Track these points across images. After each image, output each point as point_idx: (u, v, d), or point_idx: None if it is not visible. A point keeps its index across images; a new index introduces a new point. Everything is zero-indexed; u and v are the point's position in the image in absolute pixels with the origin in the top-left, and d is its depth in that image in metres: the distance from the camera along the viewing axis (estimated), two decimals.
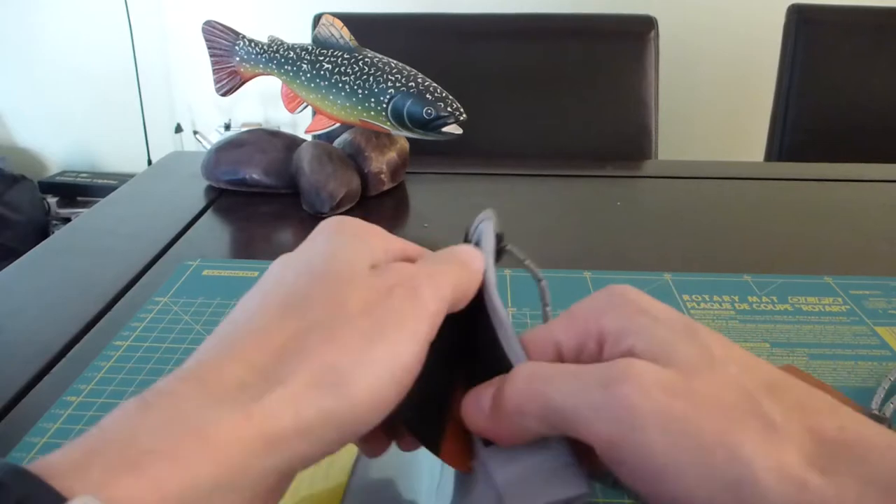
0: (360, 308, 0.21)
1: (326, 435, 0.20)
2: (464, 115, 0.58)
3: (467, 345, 0.27)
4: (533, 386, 0.22)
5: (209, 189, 0.67)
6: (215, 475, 0.17)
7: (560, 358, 0.24)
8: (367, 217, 0.57)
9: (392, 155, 0.66)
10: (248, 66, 0.64)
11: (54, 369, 0.40)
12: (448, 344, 0.25)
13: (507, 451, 0.23)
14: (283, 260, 0.25)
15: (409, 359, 0.21)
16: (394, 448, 0.27)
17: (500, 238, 0.30)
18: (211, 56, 0.65)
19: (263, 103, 1.91)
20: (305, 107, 0.63)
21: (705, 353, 0.21)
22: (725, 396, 0.20)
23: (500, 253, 0.30)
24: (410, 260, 0.26)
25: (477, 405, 0.23)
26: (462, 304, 0.25)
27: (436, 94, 0.57)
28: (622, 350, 0.22)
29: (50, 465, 0.16)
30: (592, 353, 0.23)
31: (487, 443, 0.24)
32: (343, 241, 0.25)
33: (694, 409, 0.20)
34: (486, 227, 0.31)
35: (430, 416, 0.24)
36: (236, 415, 0.18)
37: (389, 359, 0.21)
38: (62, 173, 2.05)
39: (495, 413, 0.23)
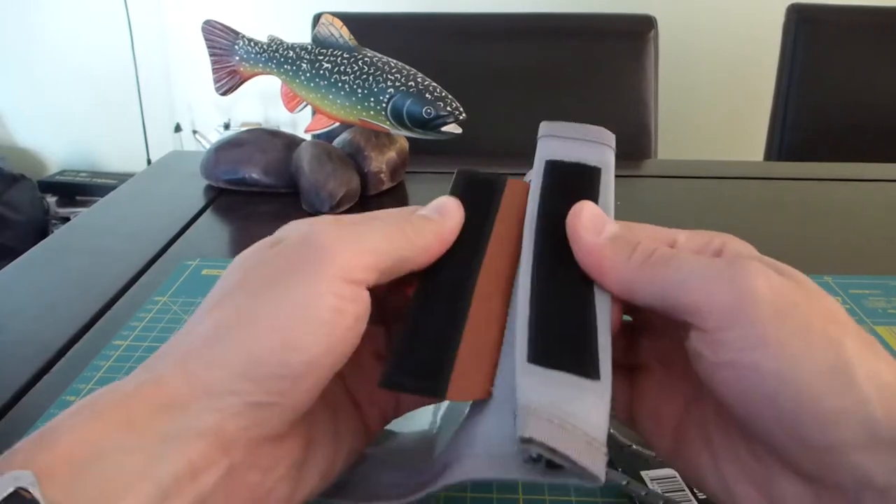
0: (250, 275, 0.22)
1: (230, 385, 0.19)
2: (463, 115, 0.58)
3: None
4: (653, 260, 0.23)
5: (209, 188, 0.67)
6: (116, 439, 0.18)
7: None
8: None
9: (392, 154, 0.66)
10: (247, 65, 0.64)
11: (54, 369, 0.40)
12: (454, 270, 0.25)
13: (549, 381, 0.21)
14: None
15: (316, 314, 0.20)
16: None
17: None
18: (210, 55, 0.65)
19: (263, 103, 1.91)
20: (305, 106, 0.63)
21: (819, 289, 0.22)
22: (835, 311, 0.21)
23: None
24: None
25: (599, 228, 0.24)
26: (420, 259, 0.24)
27: (435, 94, 0.57)
28: None
29: None
30: None
31: (533, 357, 0.22)
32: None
33: (806, 303, 0.20)
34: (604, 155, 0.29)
35: (430, 359, 0.23)
36: (128, 386, 0.19)
37: (283, 315, 0.20)
38: (62, 173, 2.05)
39: (609, 248, 0.23)
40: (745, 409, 0.20)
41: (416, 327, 0.23)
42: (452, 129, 0.58)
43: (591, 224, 0.24)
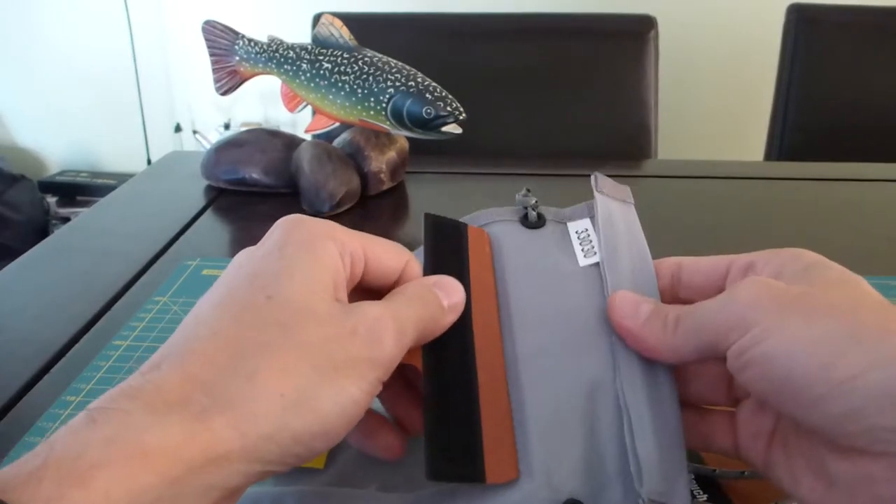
0: (319, 342, 0.22)
1: (267, 456, 0.20)
2: (463, 115, 0.58)
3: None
4: (678, 321, 0.25)
5: (209, 188, 0.67)
6: (159, 489, 0.18)
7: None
8: (366, 217, 0.57)
9: (392, 154, 0.66)
10: (247, 65, 0.64)
11: (54, 369, 0.40)
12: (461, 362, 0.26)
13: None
14: (240, 264, 0.24)
15: (359, 397, 0.22)
16: None
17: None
18: (211, 55, 0.65)
19: (263, 103, 1.91)
20: (305, 106, 0.63)
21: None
22: (850, 296, 0.22)
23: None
24: (376, 265, 0.26)
25: (634, 312, 0.26)
26: (429, 339, 0.26)
27: (435, 94, 0.57)
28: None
29: (4, 479, 0.17)
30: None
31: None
32: (301, 259, 0.24)
33: (809, 296, 0.22)
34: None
35: (464, 444, 0.24)
36: (180, 434, 0.19)
37: (337, 396, 0.21)
38: (62, 173, 2.05)
39: (648, 325, 0.25)
40: (775, 399, 0.22)
41: (441, 410, 0.24)
42: (452, 129, 0.58)
43: (627, 311, 0.26)
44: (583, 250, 0.30)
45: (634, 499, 0.22)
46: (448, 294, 0.26)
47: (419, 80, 0.58)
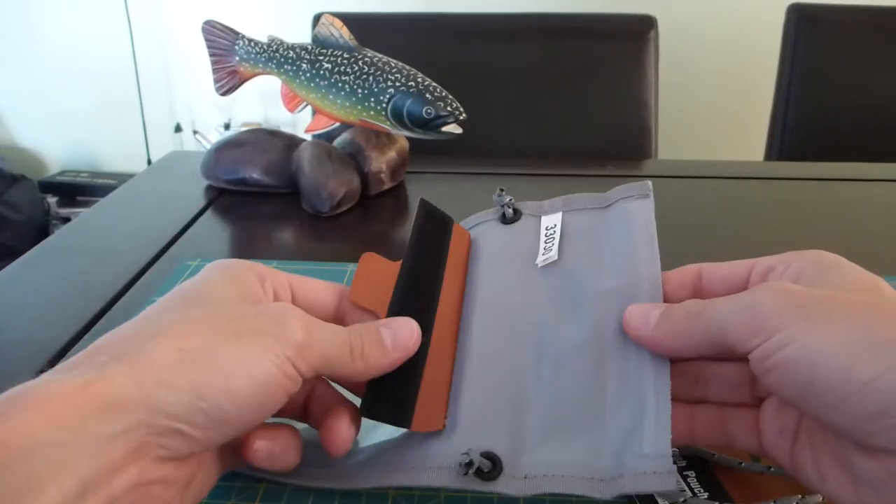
0: (225, 316, 0.24)
1: (169, 407, 0.21)
2: (464, 115, 0.58)
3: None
4: (696, 319, 0.25)
5: (209, 189, 0.67)
6: (52, 433, 0.19)
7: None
8: (366, 217, 0.57)
9: (392, 154, 0.66)
10: (247, 65, 0.64)
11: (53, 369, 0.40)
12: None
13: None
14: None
15: (259, 374, 0.23)
16: None
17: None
18: (211, 55, 0.65)
19: (263, 103, 1.91)
20: (305, 106, 0.63)
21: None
22: (871, 300, 0.23)
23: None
24: (306, 294, 0.30)
25: (644, 318, 0.27)
26: (365, 368, 0.26)
27: (435, 94, 0.57)
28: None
29: None
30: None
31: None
32: (219, 278, 0.27)
33: (833, 299, 0.23)
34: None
35: (400, 394, 0.27)
36: (75, 383, 0.20)
37: (235, 363, 0.22)
38: (62, 173, 2.05)
39: (659, 327, 0.26)
40: (799, 402, 0.23)
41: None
42: (452, 129, 0.58)
43: (640, 322, 0.27)
44: (545, 247, 0.33)
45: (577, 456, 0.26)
46: (395, 334, 0.27)
47: (419, 80, 0.58)
